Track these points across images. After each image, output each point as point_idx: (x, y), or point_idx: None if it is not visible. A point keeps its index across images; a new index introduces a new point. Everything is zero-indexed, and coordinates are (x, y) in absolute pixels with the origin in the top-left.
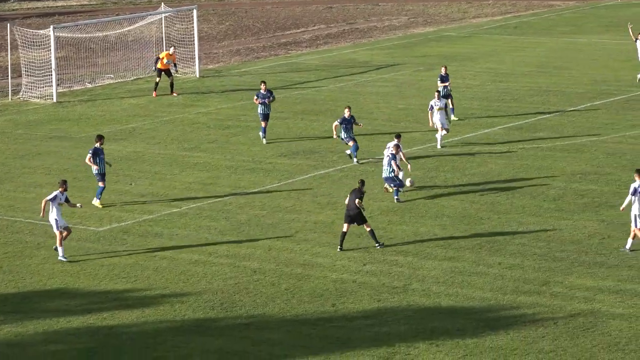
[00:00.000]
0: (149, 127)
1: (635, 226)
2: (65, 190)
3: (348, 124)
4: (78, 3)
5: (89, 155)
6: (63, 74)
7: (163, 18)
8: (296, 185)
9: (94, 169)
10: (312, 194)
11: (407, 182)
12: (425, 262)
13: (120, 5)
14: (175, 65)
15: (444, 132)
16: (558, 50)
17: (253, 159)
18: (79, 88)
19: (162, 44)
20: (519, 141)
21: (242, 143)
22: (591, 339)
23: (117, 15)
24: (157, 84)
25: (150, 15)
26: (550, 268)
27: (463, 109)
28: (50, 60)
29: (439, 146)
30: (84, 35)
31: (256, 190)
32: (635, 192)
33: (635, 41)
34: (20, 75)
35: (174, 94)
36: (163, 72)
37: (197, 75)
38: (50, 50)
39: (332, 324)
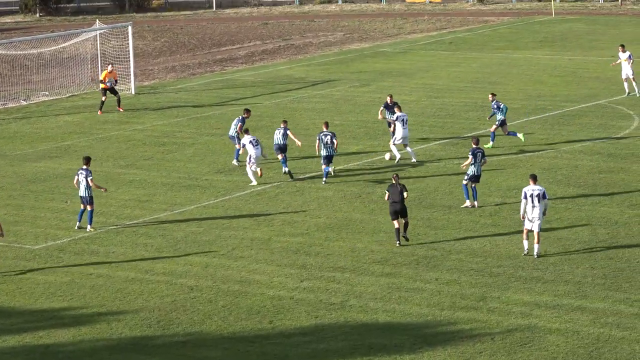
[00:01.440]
0: (84, 144)
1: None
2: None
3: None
4: (12, 20)
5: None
6: None
7: (98, 35)
8: (233, 202)
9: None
10: (249, 210)
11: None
12: (363, 278)
13: (55, 22)
14: (116, 81)
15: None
16: (493, 65)
17: (189, 176)
18: (13, 105)
19: (98, 60)
20: (455, 157)
21: (178, 160)
22: (528, 354)
23: (52, 32)
24: (102, 102)
25: (85, 32)
26: (487, 283)
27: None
28: None
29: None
30: (19, 52)
31: (193, 206)
32: (525, 196)
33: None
34: None
35: (120, 109)
36: (107, 91)
37: (133, 92)
38: None
39: (270, 341)
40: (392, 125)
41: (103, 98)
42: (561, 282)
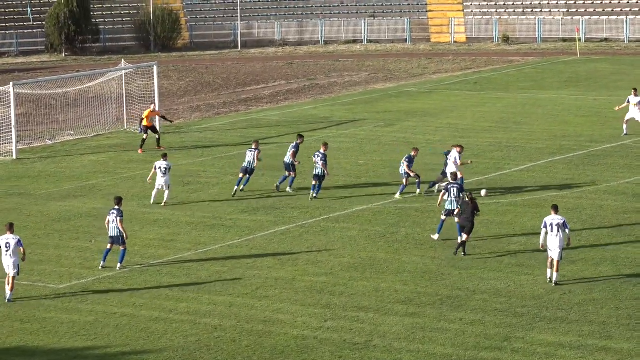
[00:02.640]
0: (109, 183)
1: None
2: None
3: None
4: (38, 60)
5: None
6: (23, 130)
7: (123, 75)
8: (257, 241)
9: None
10: (273, 250)
11: (482, 193)
12: (387, 318)
13: (81, 62)
14: (164, 117)
15: None
16: (518, 105)
17: (213, 215)
18: (38, 145)
19: (123, 100)
20: (480, 197)
21: (202, 199)
22: None
23: (77, 71)
24: (144, 140)
25: (111, 71)
26: (511, 324)
27: (424, 165)
28: (10, 117)
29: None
30: (44, 92)
31: (217, 246)
32: (545, 225)
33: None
34: None
35: (161, 148)
36: (149, 129)
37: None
38: (10, 107)
39: None
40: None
41: (144, 136)
42: (586, 322)
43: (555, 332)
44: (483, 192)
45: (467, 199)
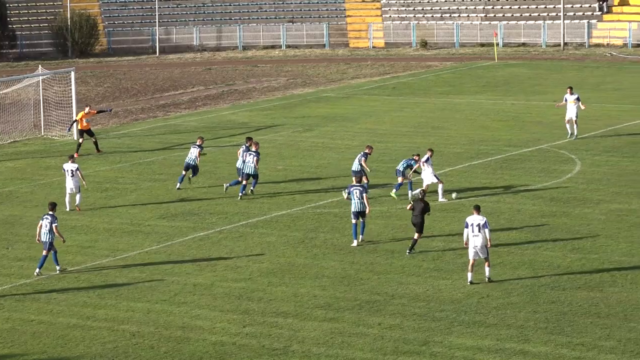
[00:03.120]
0: (26, 190)
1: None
2: None
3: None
4: None
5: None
6: None
7: (41, 81)
8: (175, 247)
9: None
10: (192, 255)
11: (453, 195)
12: (305, 324)
13: None
14: (102, 111)
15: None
16: (436, 110)
17: (131, 222)
18: None
19: (40, 106)
20: (398, 201)
21: (120, 205)
22: None
23: None
24: (79, 145)
25: (28, 77)
26: (430, 328)
27: (343, 170)
28: None
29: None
30: None
31: (135, 252)
32: (467, 225)
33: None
34: None
35: (101, 151)
36: (84, 132)
37: (75, 138)
38: None
39: None
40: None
41: (80, 140)
42: (504, 326)
43: (474, 335)
44: (454, 195)
45: (418, 198)
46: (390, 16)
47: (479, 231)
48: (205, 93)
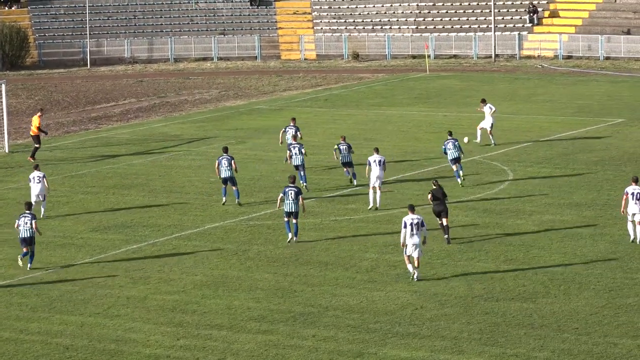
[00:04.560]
0: None
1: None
2: None
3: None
4: None
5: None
6: None
7: None
8: (108, 260)
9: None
10: (125, 268)
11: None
12: (240, 336)
13: None
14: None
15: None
16: (368, 122)
17: (64, 234)
18: None
19: None
20: (332, 213)
21: (52, 218)
22: None
23: None
24: (37, 149)
25: None
26: (364, 340)
27: (275, 182)
28: None
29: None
30: None
31: (68, 265)
32: (405, 225)
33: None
34: None
35: (34, 159)
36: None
37: (7, 151)
38: None
39: None
40: None
41: (37, 145)
42: (438, 337)
43: (408, 347)
44: (465, 139)
45: (434, 186)
46: (321, 28)
47: (418, 230)
48: (137, 105)
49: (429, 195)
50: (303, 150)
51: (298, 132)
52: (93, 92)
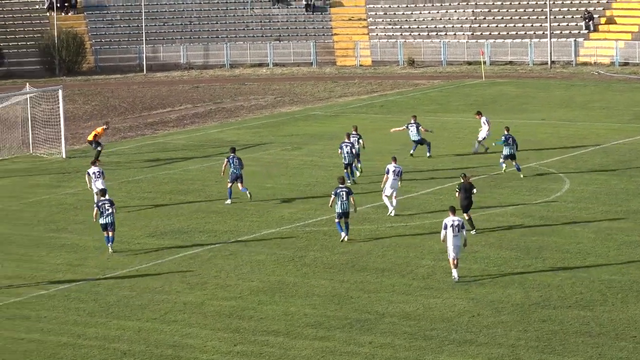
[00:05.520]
0: (15, 208)
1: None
2: None
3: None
4: None
5: None
6: None
7: (28, 98)
8: (165, 266)
9: None
10: (181, 274)
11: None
12: (296, 342)
13: None
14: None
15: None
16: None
17: (121, 240)
18: None
19: (28, 124)
20: (388, 220)
21: None
22: None
23: None
24: (99, 152)
25: (15, 95)
26: (421, 347)
27: (331, 188)
28: None
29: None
30: None
31: (125, 270)
32: (446, 226)
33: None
34: None
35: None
36: (95, 143)
37: (64, 156)
38: None
39: None
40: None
41: (99, 148)
42: (494, 345)
43: (465, 354)
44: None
45: (462, 180)
46: (377, 34)
47: (458, 232)
48: (193, 111)
49: (457, 191)
50: (357, 146)
51: (360, 140)
52: (149, 97)
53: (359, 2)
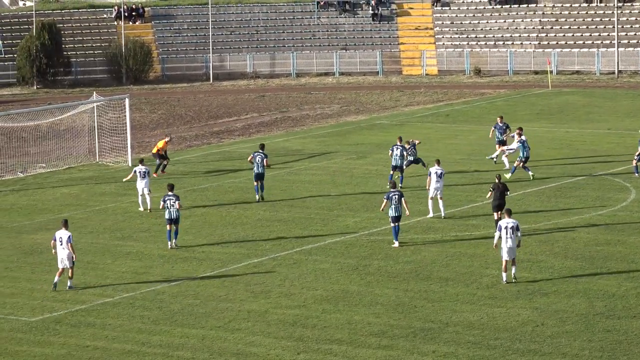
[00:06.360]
0: (81, 216)
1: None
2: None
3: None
4: (10, 92)
5: None
6: None
7: (95, 107)
8: (229, 274)
9: None
10: (246, 282)
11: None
12: (360, 351)
13: (52, 94)
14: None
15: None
16: (490, 138)
17: (186, 248)
18: (10, 177)
19: (95, 132)
20: (452, 229)
21: None
22: None
23: (49, 104)
24: (165, 165)
25: (82, 104)
26: (485, 356)
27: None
28: None
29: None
30: (16, 125)
31: (189, 278)
32: (500, 229)
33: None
34: None
35: (155, 175)
36: (161, 156)
37: (130, 164)
38: None
39: None
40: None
41: (165, 162)
42: (559, 354)
43: None
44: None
45: (496, 181)
46: (443, 44)
47: (512, 234)
48: (258, 120)
49: (490, 191)
50: (405, 154)
51: (404, 152)
52: (215, 106)
53: (425, 12)
